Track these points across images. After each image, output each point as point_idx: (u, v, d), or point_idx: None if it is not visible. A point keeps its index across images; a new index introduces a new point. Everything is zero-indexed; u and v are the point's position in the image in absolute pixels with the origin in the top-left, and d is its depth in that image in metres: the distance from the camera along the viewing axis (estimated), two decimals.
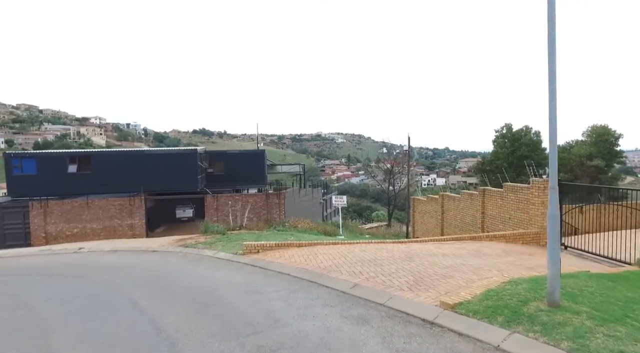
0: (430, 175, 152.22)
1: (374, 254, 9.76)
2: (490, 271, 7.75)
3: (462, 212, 17.22)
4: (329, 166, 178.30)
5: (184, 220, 30.26)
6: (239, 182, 33.29)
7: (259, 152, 35.12)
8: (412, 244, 11.12)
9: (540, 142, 30.46)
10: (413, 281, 7.15)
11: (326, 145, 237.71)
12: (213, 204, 26.10)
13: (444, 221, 18.89)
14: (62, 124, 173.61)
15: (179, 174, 26.97)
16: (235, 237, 15.43)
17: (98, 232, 23.61)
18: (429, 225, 20.51)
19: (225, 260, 11.52)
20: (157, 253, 13.97)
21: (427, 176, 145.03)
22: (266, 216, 26.45)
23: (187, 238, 16.95)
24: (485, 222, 15.31)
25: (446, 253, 9.77)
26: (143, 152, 29.73)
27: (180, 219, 30.47)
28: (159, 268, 11.31)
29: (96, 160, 26.25)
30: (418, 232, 21.93)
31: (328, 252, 10.41)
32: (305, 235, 15.38)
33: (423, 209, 21.25)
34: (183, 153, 28.89)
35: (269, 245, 11.44)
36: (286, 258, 10.12)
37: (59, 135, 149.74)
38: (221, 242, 14.27)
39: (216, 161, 33.77)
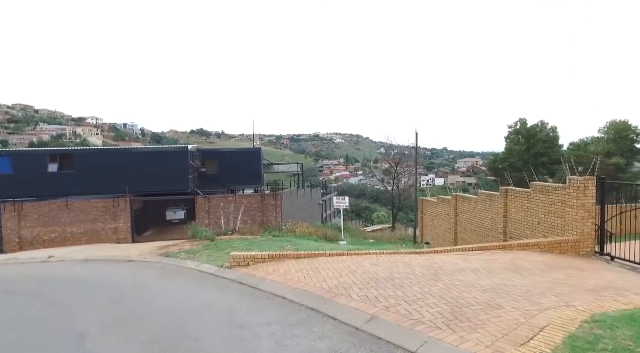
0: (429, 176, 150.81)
1: (389, 270, 7.95)
2: (546, 296, 5.95)
3: (479, 215, 15.44)
4: (328, 166, 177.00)
5: (175, 223, 28.38)
6: (234, 182, 31.46)
7: (255, 151, 33.30)
8: (432, 256, 9.32)
9: (557, 138, 28.53)
10: (449, 313, 5.34)
11: (325, 145, 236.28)
12: (204, 206, 24.26)
13: (458, 225, 17.09)
14: (58, 124, 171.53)
15: (169, 173, 25.14)
16: (224, 245, 13.61)
17: (79, 237, 21.73)
18: (440, 229, 18.72)
19: (208, 274, 9.69)
20: (133, 264, 12.14)
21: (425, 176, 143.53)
22: (262, 219, 24.62)
23: (172, 245, 15.14)
24: (508, 227, 13.52)
25: (477, 269, 7.96)
26: (130, 151, 27.87)
27: (171, 222, 28.60)
28: (129, 284, 9.48)
29: (79, 159, 24.37)
30: (427, 236, 20.14)
31: (332, 265, 8.59)
32: (304, 242, 13.58)
33: (433, 212, 19.45)
34: (173, 151, 27.06)
35: (262, 256, 9.62)
36: (281, 275, 8.30)
37: (54, 135, 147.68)
38: (208, 251, 12.45)
39: (210, 160, 31.93)
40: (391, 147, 44.36)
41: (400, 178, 30.53)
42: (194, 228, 17.28)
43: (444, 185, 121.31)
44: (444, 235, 18.40)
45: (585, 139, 30.57)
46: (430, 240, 19.51)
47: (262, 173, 33.13)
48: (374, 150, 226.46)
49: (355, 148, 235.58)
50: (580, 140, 30.69)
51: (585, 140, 30.54)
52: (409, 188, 31.12)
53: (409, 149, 36.86)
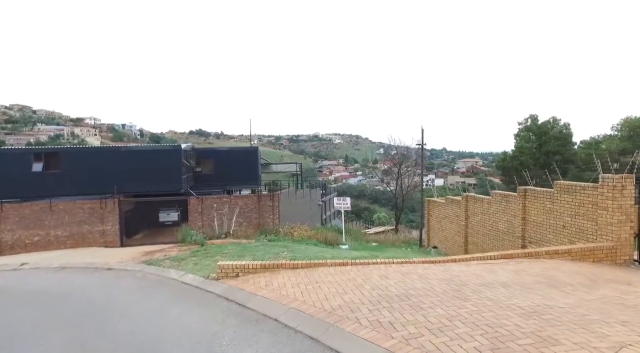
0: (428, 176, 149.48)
1: (402, 284, 6.70)
2: (609, 324, 4.69)
3: (493, 217, 14.19)
4: (327, 167, 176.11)
5: (168, 225, 27.10)
6: (230, 182, 30.18)
7: (252, 149, 32.01)
8: (450, 266, 8.07)
9: (570, 135, 27.15)
10: (490, 350, 4.07)
11: (324, 145, 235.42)
12: (197, 207, 22.99)
13: (469, 227, 15.85)
14: (56, 125, 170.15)
15: (161, 173, 23.88)
16: (215, 250, 12.34)
17: (64, 240, 20.45)
18: (449, 231, 17.47)
19: (192, 287, 8.44)
20: (111, 272, 10.87)
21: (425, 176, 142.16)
22: (258, 220, 23.36)
23: (158, 250, 13.87)
24: (527, 231, 12.28)
25: (507, 283, 6.72)
26: (120, 149, 26.58)
27: (164, 223, 27.34)
28: (101, 298, 8.21)
29: (66, 157, 23.09)
30: (434, 239, 18.89)
31: (334, 278, 7.34)
32: (302, 248, 12.32)
33: (440, 213, 18.20)
34: (165, 150, 25.81)
35: (253, 266, 8.36)
36: (275, 289, 7.05)
37: (52, 135, 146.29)
38: (195, 258, 11.19)
39: (205, 160, 30.67)
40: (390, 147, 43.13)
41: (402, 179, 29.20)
42: (183, 231, 16.02)
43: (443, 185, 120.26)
44: (452, 238, 17.15)
45: (596, 136, 29.39)
46: (437, 243, 18.27)
47: (259, 173, 31.85)
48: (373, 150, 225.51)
49: (355, 148, 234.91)
50: (591, 138, 29.43)
51: (596, 137, 29.34)
52: (412, 189, 29.86)
53: (408, 149, 35.65)
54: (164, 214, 27.69)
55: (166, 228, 26.48)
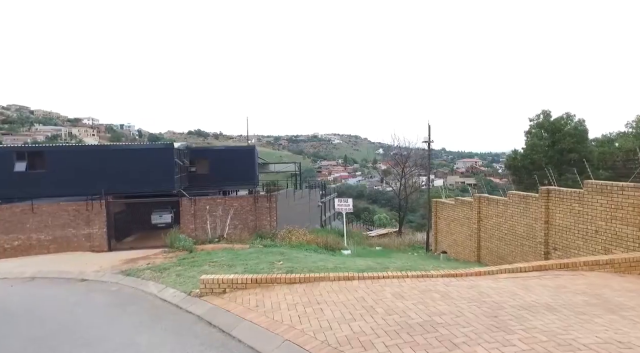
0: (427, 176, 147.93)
1: (423, 306, 5.45)
2: None
3: (510, 220, 12.95)
4: (326, 167, 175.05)
5: (161, 227, 25.81)
6: (226, 182, 28.90)
7: (249, 149, 30.74)
8: (476, 280, 6.81)
9: (586, 131, 25.76)
10: None
11: (322, 146, 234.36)
12: (190, 209, 21.71)
13: (482, 231, 14.60)
14: (53, 125, 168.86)
15: (153, 172, 22.63)
16: (203, 258, 11.08)
17: (46, 245, 19.16)
18: (459, 235, 16.22)
19: (170, 305, 7.19)
20: (84, 284, 9.61)
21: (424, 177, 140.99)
22: (254, 223, 22.08)
23: (141, 257, 12.61)
24: (551, 236, 11.04)
25: (552, 305, 5.46)
26: (109, 148, 25.29)
27: (157, 225, 26.05)
28: (62, 318, 6.95)
29: (51, 156, 21.80)
30: (442, 243, 17.63)
31: (339, 297, 6.10)
32: (301, 255, 11.06)
33: (449, 215, 16.96)
34: (157, 148, 24.51)
35: (243, 281, 7.11)
36: (267, 312, 5.80)
37: (49, 136, 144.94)
38: (180, 267, 9.93)
39: (200, 159, 29.41)
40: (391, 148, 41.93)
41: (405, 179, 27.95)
42: (172, 236, 14.77)
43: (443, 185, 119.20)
44: (463, 243, 15.91)
45: (608, 134, 28.16)
46: (446, 247, 17.04)
47: (256, 172, 30.58)
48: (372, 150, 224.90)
49: (354, 149, 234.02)
50: (603, 136, 28.25)
51: (608, 135, 28.12)
52: (416, 189, 28.70)
53: (408, 148, 34.55)
54: (156, 216, 26.41)
55: (159, 231, 25.16)
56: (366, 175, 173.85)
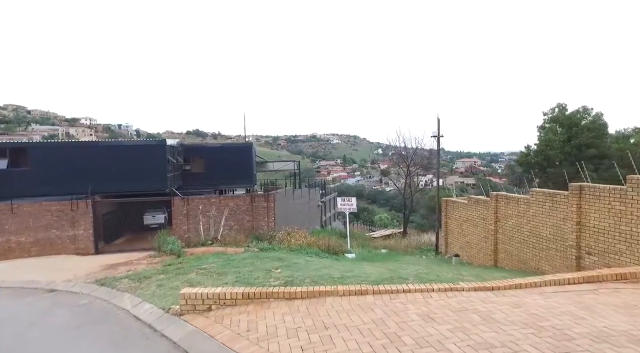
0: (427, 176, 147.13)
1: (462, 333, 4.17)
2: None
3: (533, 220, 11.68)
4: (325, 167, 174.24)
5: (154, 228, 24.50)
6: (222, 181, 27.59)
7: (246, 146, 29.44)
8: (518, 295, 5.54)
9: (605, 125, 24.26)
10: None
11: (321, 146, 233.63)
12: (182, 209, 20.41)
13: (499, 233, 13.32)
14: (50, 125, 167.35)
15: (144, 170, 21.35)
16: (191, 264, 9.79)
17: (27, 247, 17.85)
18: (472, 237, 14.95)
19: (143, 325, 5.90)
20: (51, 296, 8.30)
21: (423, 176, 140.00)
22: (251, 224, 20.79)
23: (123, 263, 11.31)
24: (584, 239, 9.78)
25: (634, 335, 4.18)
26: (98, 144, 23.97)
27: (150, 226, 24.73)
28: (9, 343, 5.66)
29: (35, 153, 20.46)
30: (454, 245, 16.36)
31: (351, 319, 4.82)
32: (301, 261, 9.78)
33: (462, 215, 15.69)
34: (148, 145, 23.22)
35: (232, 295, 5.83)
36: (261, 340, 4.52)
37: (46, 136, 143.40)
38: (163, 276, 8.64)
39: (195, 157, 28.10)
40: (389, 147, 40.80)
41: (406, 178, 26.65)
42: (159, 238, 13.48)
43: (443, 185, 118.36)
44: (477, 245, 14.64)
45: (623, 130, 26.89)
46: (458, 250, 15.77)
47: (253, 171, 29.29)
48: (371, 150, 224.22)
49: (353, 148, 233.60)
50: (617, 132, 27.04)
51: (623, 131, 26.88)
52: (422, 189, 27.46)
53: (407, 148, 33.46)
54: (148, 216, 25.11)
55: (152, 232, 23.92)
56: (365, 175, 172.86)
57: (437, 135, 16.92)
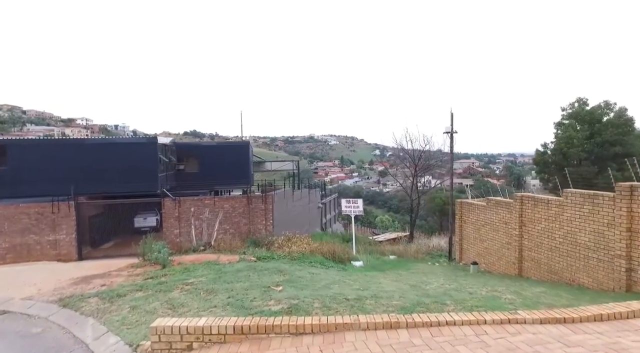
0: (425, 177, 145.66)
1: None
2: None
3: (568, 225, 10.27)
4: (322, 168, 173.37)
5: (145, 231, 22.99)
6: (217, 181, 26.11)
7: (243, 144, 27.96)
8: (606, 331, 4.15)
9: (631, 121, 22.34)
10: None
11: (319, 147, 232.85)
12: (173, 211, 18.89)
13: (525, 239, 11.90)
14: (46, 125, 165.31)
15: (133, 170, 19.89)
16: (176, 277, 8.33)
17: (2, 254, 16.32)
18: (492, 242, 13.52)
19: None
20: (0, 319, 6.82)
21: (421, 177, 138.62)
22: (248, 227, 19.28)
23: (100, 275, 9.83)
24: (635, 247, 8.37)
25: None
26: (83, 142, 22.40)
27: (141, 229, 23.22)
28: None
29: (14, 151, 18.92)
30: (469, 251, 14.93)
31: None
32: (306, 275, 8.34)
33: (479, 218, 14.26)
34: (138, 143, 21.75)
35: (220, 330, 4.40)
36: None
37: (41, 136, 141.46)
38: (140, 293, 7.18)
39: (189, 156, 26.66)
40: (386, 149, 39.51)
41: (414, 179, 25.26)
42: (145, 245, 12.00)
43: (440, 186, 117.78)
44: (498, 252, 13.21)
45: None
46: (475, 257, 14.36)
47: (250, 171, 27.83)
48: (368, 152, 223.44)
49: (350, 149, 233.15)
50: None
51: None
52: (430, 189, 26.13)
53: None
54: (139, 219, 23.60)
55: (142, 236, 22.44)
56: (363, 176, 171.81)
57: (450, 131, 15.50)
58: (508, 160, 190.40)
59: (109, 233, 22.52)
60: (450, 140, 15.76)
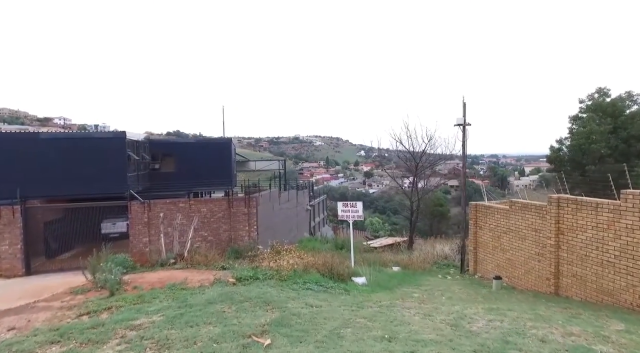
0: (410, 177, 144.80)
1: None
2: None
3: (625, 235, 8.21)
4: (308, 169, 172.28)
5: (114, 237, 20.32)
6: (197, 182, 23.53)
7: (224, 141, 25.43)
8: None
9: None
10: None
11: (304, 148, 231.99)
12: (142, 216, 16.38)
13: (564, 249, 9.81)
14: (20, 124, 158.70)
15: (97, 169, 17.33)
16: (121, 316, 5.93)
17: None
18: (517, 253, 11.40)
19: None
20: None
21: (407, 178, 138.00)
22: (228, 234, 16.87)
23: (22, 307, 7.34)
24: None
25: None
26: (36, 136, 19.50)
27: (109, 236, 20.56)
28: None
29: None
30: (487, 262, 12.79)
31: None
32: (303, 308, 6.05)
33: (500, 224, 12.13)
34: (103, 138, 19.01)
35: None
36: None
37: None
38: (54, 349, 4.76)
39: (165, 154, 24.05)
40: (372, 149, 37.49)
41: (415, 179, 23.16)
42: (93, 262, 9.51)
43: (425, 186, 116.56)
44: (525, 264, 11.09)
45: None
46: (494, 268, 12.25)
47: (233, 170, 25.33)
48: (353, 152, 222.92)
49: (335, 150, 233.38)
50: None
51: None
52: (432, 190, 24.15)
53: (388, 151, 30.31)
54: (107, 224, 20.91)
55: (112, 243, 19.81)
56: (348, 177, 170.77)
57: (462, 123, 13.37)
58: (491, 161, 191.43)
59: (71, 241, 19.77)
60: (463, 133, 13.61)
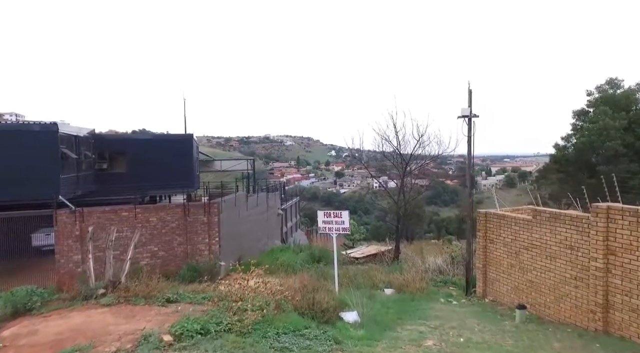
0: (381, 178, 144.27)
1: None
2: None
3: None
4: (278, 169, 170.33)
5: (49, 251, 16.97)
6: (153, 184, 20.40)
7: (184, 138, 22.31)
8: None
9: None
10: None
11: (275, 147, 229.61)
12: (72, 229, 13.22)
13: (614, 275, 7.54)
14: None
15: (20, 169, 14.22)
16: None
17: None
18: (545, 275, 9.09)
19: None
20: None
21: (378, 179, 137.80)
22: (184, 248, 13.94)
23: None
24: None
25: None
26: None
27: (42, 249, 17.20)
28: None
29: None
30: (500, 283, 10.43)
31: None
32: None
33: (518, 237, 9.80)
34: (29, 131, 15.62)
35: None
36: None
37: None
38: None
39: (115, 152, 20.78)
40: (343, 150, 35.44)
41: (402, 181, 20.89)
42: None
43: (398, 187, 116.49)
44: (556, 290, 8.81)
45: None
46: (510, 292, 9.95)
47: (195, 171, 22.31)
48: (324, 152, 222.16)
49: (306, 150, 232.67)
50: None
51: None
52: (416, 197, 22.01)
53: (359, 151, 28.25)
54: (40, 236, 17.49)
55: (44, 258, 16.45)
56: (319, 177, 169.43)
57: (469, 115, 11.03)
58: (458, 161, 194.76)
59: None
60: (469, 127, 11.28)
